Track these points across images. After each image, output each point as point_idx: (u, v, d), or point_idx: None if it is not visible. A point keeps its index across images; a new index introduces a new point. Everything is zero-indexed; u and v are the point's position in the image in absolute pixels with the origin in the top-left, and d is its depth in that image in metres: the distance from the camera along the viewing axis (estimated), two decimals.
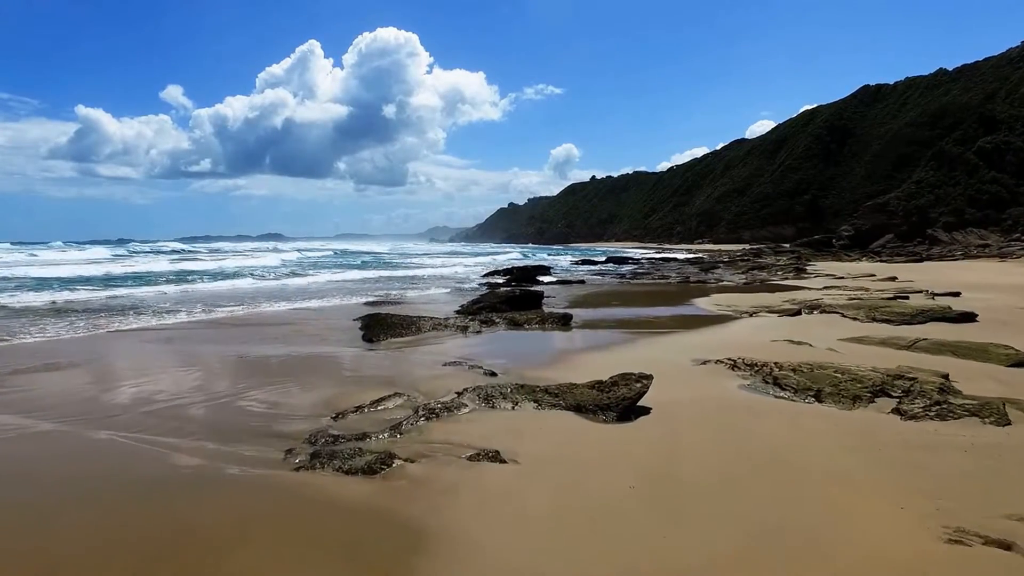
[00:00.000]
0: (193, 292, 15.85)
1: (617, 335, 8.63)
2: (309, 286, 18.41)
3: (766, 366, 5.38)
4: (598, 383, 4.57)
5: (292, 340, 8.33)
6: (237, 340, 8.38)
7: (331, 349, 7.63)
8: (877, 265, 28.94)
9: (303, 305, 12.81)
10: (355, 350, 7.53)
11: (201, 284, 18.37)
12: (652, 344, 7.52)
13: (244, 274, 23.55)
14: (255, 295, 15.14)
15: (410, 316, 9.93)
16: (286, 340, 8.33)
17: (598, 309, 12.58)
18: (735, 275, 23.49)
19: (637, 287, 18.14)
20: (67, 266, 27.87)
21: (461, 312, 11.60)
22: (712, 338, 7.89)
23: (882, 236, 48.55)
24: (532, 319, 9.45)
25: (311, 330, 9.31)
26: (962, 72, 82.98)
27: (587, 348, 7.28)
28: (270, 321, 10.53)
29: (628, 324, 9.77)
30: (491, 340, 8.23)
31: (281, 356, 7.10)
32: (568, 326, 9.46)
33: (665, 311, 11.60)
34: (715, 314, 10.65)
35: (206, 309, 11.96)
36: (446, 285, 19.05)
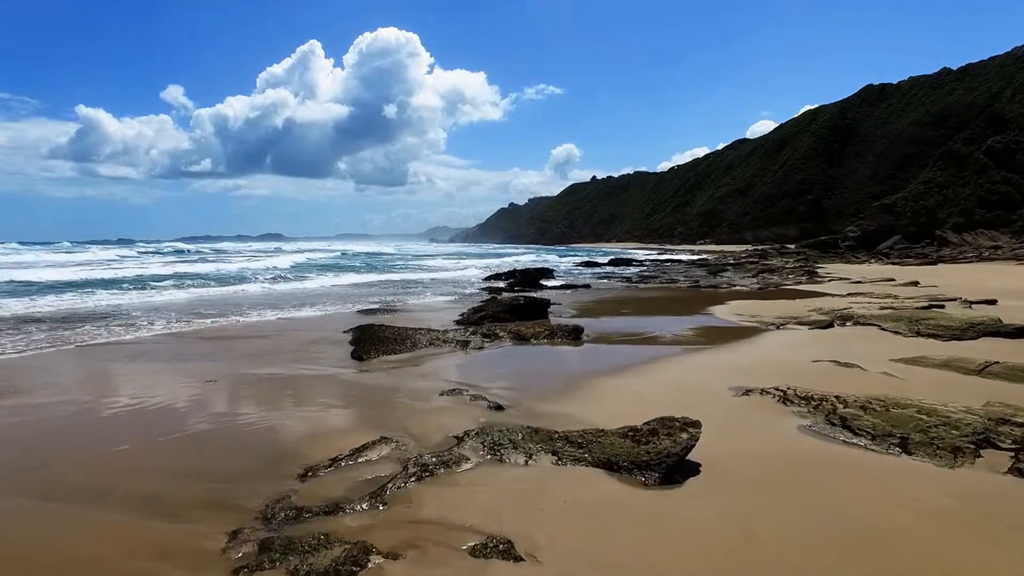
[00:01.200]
0: (181, 299, 14.94)
1: (635, 352, 7.73)
2: (304, 291, 17.50)
3: (826, 400, 4.49)
4: (632, 430, 3.67)
5: (273, 358, 7.44)
6: (210, 357, 7.48)
7: (314, 370, 6.73)
8: (889, 268, 28.07)
9: (293, 315, 11.91)
10: (341, 371, 6.63)
11: (193, 290, 17.44)
12: (678, 364, 6.62)
13: (239, 278, 22.65)
14: (245, 302, 14.23)
15: (406, 328, 9.05)
16: (267, 358, 7.43)
17: (609, 319, 11.68)
18: (745, 278, 22.60)
19: (646, 292, 17.24)
20: (63, 268, 27.02)
21: (462, 322, 10.72)
22: (744, 357, 6.99)
23: (889, 237, 47.72)
24: (540, 333, 8.55)
25: (296, 345, 8.40)
26: (967, 71, 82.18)
27: (605, 370, 6.38)
28: (254, 333, 9.63)
29: (645, 338, 8.87)
30: (495, 358, 7.33)
31: (255, 380, 6.20)
32: (579, 340, 8.56)
33: (683, 322, 10.70)
34: (738, 325, 9.75)
35: (187, 319, 11.06)
36: (446, 290, 18.16)
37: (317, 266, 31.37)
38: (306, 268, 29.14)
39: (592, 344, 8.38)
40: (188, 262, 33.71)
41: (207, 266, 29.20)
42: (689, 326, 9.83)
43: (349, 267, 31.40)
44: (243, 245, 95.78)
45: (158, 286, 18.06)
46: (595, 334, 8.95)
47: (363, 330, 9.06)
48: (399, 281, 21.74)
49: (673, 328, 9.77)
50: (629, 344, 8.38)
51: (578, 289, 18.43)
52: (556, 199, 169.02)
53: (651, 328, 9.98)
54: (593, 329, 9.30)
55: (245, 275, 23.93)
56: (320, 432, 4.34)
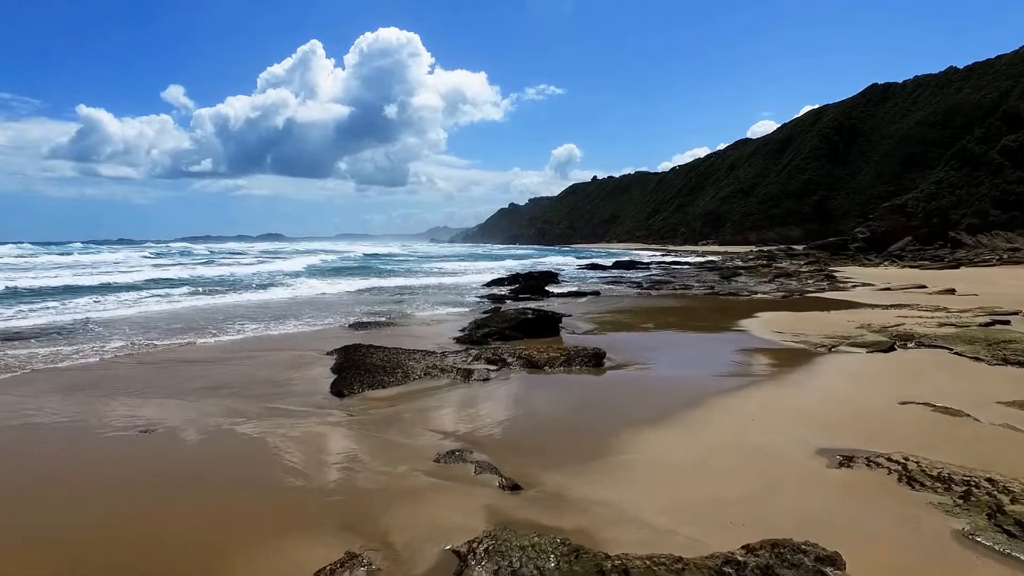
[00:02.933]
0: (154, 311, 13.64)
1: (673, 386, 6.45)
2: (295, 300, 16.19)
3: (974, 485, 3.21)
4: (730, 563, 2.39)
5: (234, 392, 6.15)
6: (160, 390, 6.20)
7: (279, 410, 5.44)
8: (908, 271, 26.82)
9: (276, 330, 10.60)
10: (311, 416, 5.33)
11: (180, 298, 16.12)
12: (732, 408, 5.34)
13: (230, 283, 21.35)
14: (228, 314, 12.93)
15: (398, 351, 7.77)
16: (226, 392, 6.15)
17: (628, 335, 10.40)
18: (761, 284, 21.33)
19: (661, 301, 15.95)
20: (54, 271, 25.67)
21: (464, 340, 9.44)
22: (810, 396, 5.71)
23: (900, 238, 46.46)
24: (555, 359, 7.27)
25: (267, 372, 7.12)
26: (973, 70, 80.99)
27: (644, 417, 5.10)
28: (224, 355, 8.35)
29: (678, 364, 7.59)
30: (504, 396, 6.04)
31: (203, 432, 4.92)
32: (601, 367, 7.28)
33: (716, 342, 9.43)
34: (781, 346, 8.46)
35: (156, 336, 9.78)
36: (446, 298, 16.86)
37: (324, 270, 30.12)
38: (309, 272, 27.78)
39: (617, 372, 7.10)
40: (189, 265, 32.19)
41: (190, 271, 27.78)
42: (725, 348, 8.54)
43: (350, 271, 30.00)
44: (246, 245, 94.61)
45: (143, 294, 16.71)
46: (618, 357, 7.67)
47: (349, 353, 7.78)
48: (396, 287, 20.41)
49: (707, 350, 8.50)
50: (661, 373, 7.10)
51: (586, 296, 17.14)
52: (557, 199, 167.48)
53: (680, 348, 8.72)
54: (614, 349, 8.02)
55: (238, 280, 22.66)
56: (256, 544, 3.04)
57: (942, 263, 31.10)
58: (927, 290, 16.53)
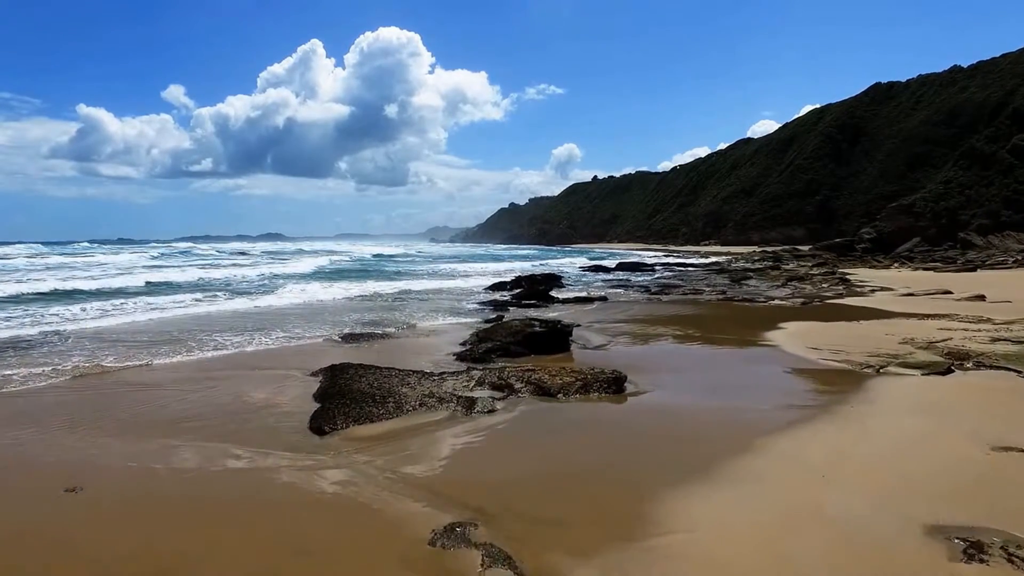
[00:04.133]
0: (140, 321, 12.68)
1: (708, 421, 5.50)
2: (287, 308, 15.22)
3: None
4: None
5: (193, 426, 5.22)
6: (108, 424, 5.27)
7: (243, 455, 4.50)
8: (924, 274, 25.94)
9: (258, 346, 9.63)
10: (279, 466, 4.37)
11: (164, 309, 15.12)
12: (790, 456, 4.40)
13: (222, 286, 20.36)
14: (211, 324, 11.98)
15: (391, 373, 6.85)
16: (185, 426, 5.22)
17: (645, 348, 9.47)
18: (774, 288, 20.40)
19: (673, 308, 15.03)
20: (46, 274, 24.68)
21: (465, 356, 8.51)
22: (881, 440, 4.76)
23: (907, 239, 45.61)
24: (569, 385, 6.33)
25: (237, 401, 6.18)
26: (978, 69, 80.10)
27: (684, 469, 4.17)
28: (195, 376, 7.41)
29: (708, 389, 6.65)
30: (513, 439, 5.10)
31: (134, 491, 3.97)
32: (622, 394, 6.35)
33: (745, 359, 8.50)
34: (821, 365, 7.53)
35: (123, 353, 8.83)
36: (446, 304, 15.90)
37: (330, 272, 29.29)
38: (314, 275, 26.80)
39: (640, 399, 6.18)
40: (189, 268, 31.07)
41: (209, 272, 26.69)
42: (759, 368, 7.63)
43: (355, 273, 28.90)
44: (248, 245, 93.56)
45: (130, 302, 15.69)
46: (638, 378, 6.73)
47: (335, 376, 6.85)
48: (396, 292, 19.36)
49: (738, 371, 7.58)
50: (691, 400, 6.17)
51: (593, 303, 16.21)
52: (557, 199, 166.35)
53: (706, 368, 7.78)
54: (632, 368, 7.09)
55: (237, 284, 21.65)
56: None
57: (955, 265, 30.17)
58: (953, 296, 15.61)
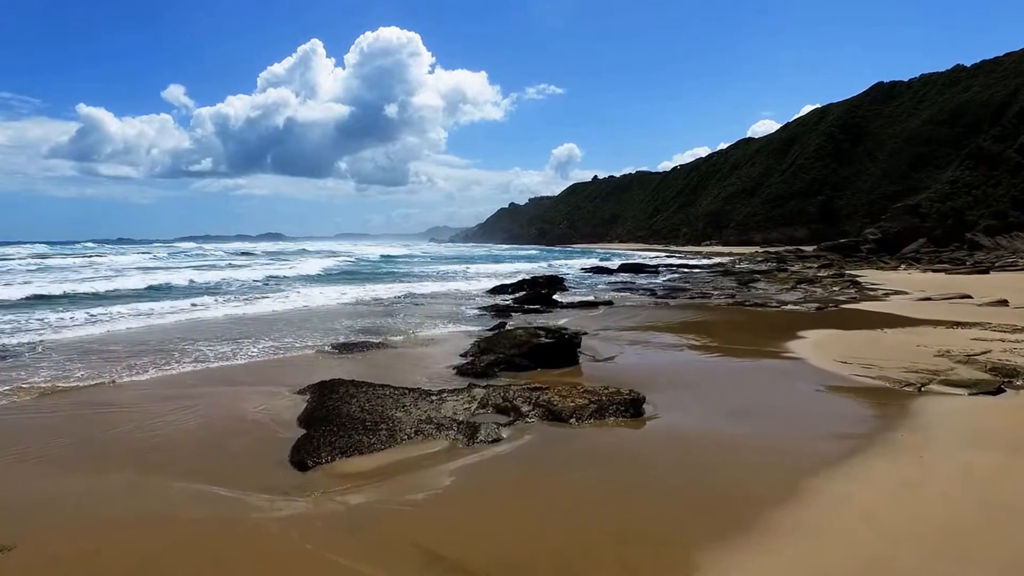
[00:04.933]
0: (123, 329, 12.05)
1: (742, 453, 4.88)
2: (281, 314, 14.56)
3: None
4: None
5: (160, 460, 4.60)
6: (60, 457, 4.65)
7: (205, 509, 3.87)
8: (935, 276, 25.33)
9: (243, 359, 9.00)
10: (249, 526, 3.75)
11: (154, 316, 14.46)
12: (846, 503, 3.78)
13: (214, 289, 19.68)
14: (196, 332, 11.37)
15: (386, 390, 6.24)
16: (149, 460, 4.60)
17: (658, 359, 8.85)
18: (784, 291, 19.79)
19: (683, 314, 14.41)
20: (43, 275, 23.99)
21: (466, 370, 7.89)
22: (947, 481, 4.14)
23: (913, 240, 45.03)
24: (582, 407, 5.70)
25: (209, 426, 5.55)
26: (981, 68, 79.56)
27: (724, 519, 3.56)
28: (168, 394, 6.79)
29: (734, 411, 6.02)
30: (521, 480, 4.46)
31: (73, 551, 3.36)
32: (640, 418, 5.72)
33: (768, 373, 7.88)
34: (855, 382, 6.91)
35: (96, 366, 8.21)
36: (446, 310, 15.26)
37: (334, 274, 28.70)
38: (319, 278, 26.26)
39: (660, 424, 5.56)
40: (189, 270, 30.41)
41: (208, 275, 26.05)
42: (786, 385, 7.00)
43: (360, 276, 28.18)
44: (251, 245, 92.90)
45: (116, 308, 15.04)
46: (655, 397, 6.11)
47: (323, 395, 6.24)
48: (395, 295, 18.64)
49: (763, 388, 6.94)
50: (718, 427, 5.53)
51: (599, 308, 15.60)
52: (557, 199, 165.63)
53: (728, 385, 7.15)
54: (648, 384, 6.49)
55: (235, 287, 21.00)
56: None
57: (964, 267, 29.57)
58: (974, 301, 15.00)
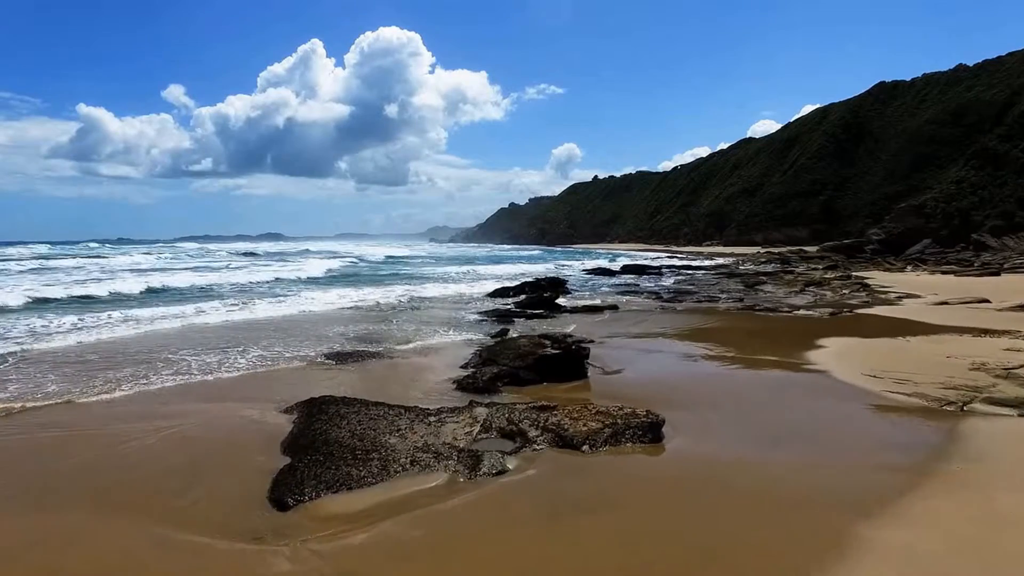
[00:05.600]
0: (106, 339, 11.52)
1: (782, 488, 4.36)
2: (275, 319, 14.07)
3: None
4: None
5: (120, 500, 4.08)
6: (9, 493, 4.14)
7: (166, 561, 3.35)
8: (944, 279, 24.82)
9: (229, 371, 8.50)
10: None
11: (141, 324, 13.98)
12: (913, 564, 3.27)
13: (206, 295, 19.16)
14: (184, 342, 10.86)
15: (380, 409, 5.73)
16: (108, 498, 4.09)
17: (672, 370, 8.33)
18: (793, 295, 19.26)
19: (691, 319, 13.89)
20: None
21: (466, 385, 7.37)
22: None
23: (918, 241, 44.50)
24: (596, 432, 5.17)
25: (182, 456, 5.03)
26: (984, 68, 79.06)
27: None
28: (141, 413, 6.27)
29: (760, 434, 5.50)
30: (532, 525, 3.93)
31: None
32: (659, 443, 5.20)
33: (791, 387, 7.35)
34: (889, 399, 6.39)
35: (70, 379, 7.70)
36: (444, 315, 14.74)
37: (338, 277, 28.24)
38: (321, 280, 25.81)
39: (682, 451, 5.04)
40: (187, 272, 29.88)
41: (206, 277, 25.53)
42: (813, 402, 6.47)
43: (359, 278, 27.60)
44: (252, 245, 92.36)
45: (102, 316, 14.52)
46: (673, 416, 5.58)
47: (311, 416, 5.72)
48: (393, 301, 18.07)
49: (788, 406, 6.41)
50: (749, 454, 5.01)
51: (604, 312, 15.09)
52: (557, 199, 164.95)
53: (749, 402, 6.62)
54: (664, 402, 5.99)
55: (233, 290, 20.51)
56: None
57: (972, 268, 29.07)
58: (993, 306, 14.49)
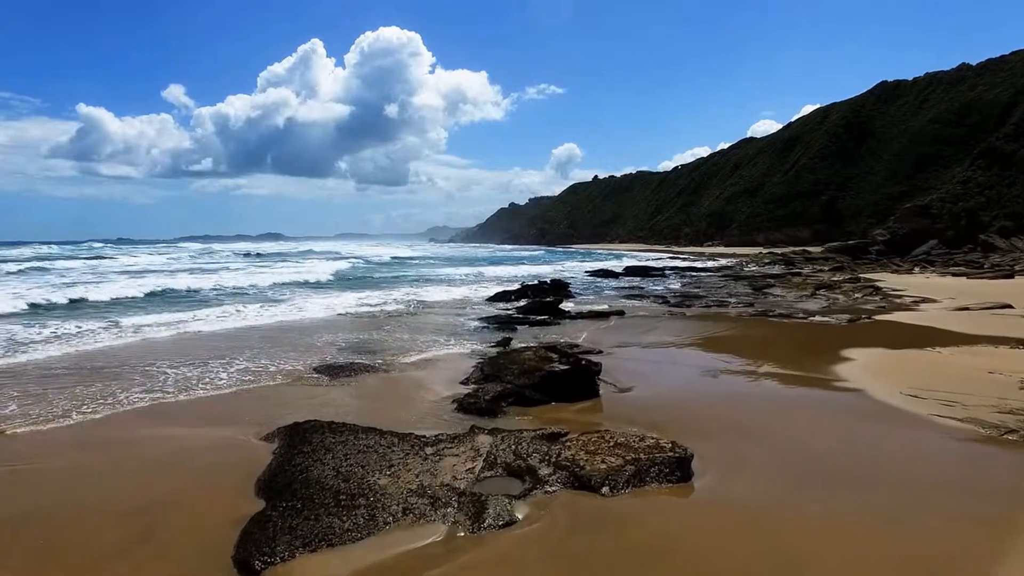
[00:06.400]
0: (75, 352, 10.86)
1: (856, 549, 3.70)
2: (265, 327, 13.41)
3: None
4: None
5: (41, 569, 3.43)
6: None
7: None
8: (955, 281, 24.19)
9: (208, 388, 7.85)
10: None
11: (124, 333, 13.31)
12: None
13: (202, 301, 18.44)
14: (163, 353, 10.21)
15: (371, 440, 5.10)
16: (27, 570, 3.44)
17: (694, 389, 7.67)
18: (804, 298, 18.61)
19: (702, 326, 13.23)
20: None
21: (467, 406, 6.69)
22: None
23: (924, 242, 43.89)
24: (616, 471, 4.50)
25: (139, 500, 4.38)
26: (987, 67, 78.44)
27: None
28: (104, 441, 5.63)
29: (818, 474, 4.84)
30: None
31: None
32: (689, 483, 4.54)
33: (831, 412, 6.69)
34: (939, 426, 5.74)
35: (33, 398, 7.04)
36: (443, 321, 14.06)
37: (343, 279, 27.48)
38: (324, 284, 25.04)
39: (718, 494, 4.38)
40: (185, 274, 29.15)
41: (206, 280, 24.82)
42: (858, 428, 5.81)
43: (367, 281, 26.96)
44: (252, 245, 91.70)
45: (85, 324, 13.85)
46: (704, 449, 4.93)
47: (293, 446, 5.07)
48: (394, 307, 17.32)
49: (834, 434, 5.75)
50: (802, 500, 4.35)
51: (610, 318, 14.42)
52: (557, 199, 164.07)
53: (787, 426, 5.96)
54: (690, 430, 5.35)
55: (227, 293, 19.90)
56: None
57: (982, 270, 28.44)
58: (1017, 311, 13.85)
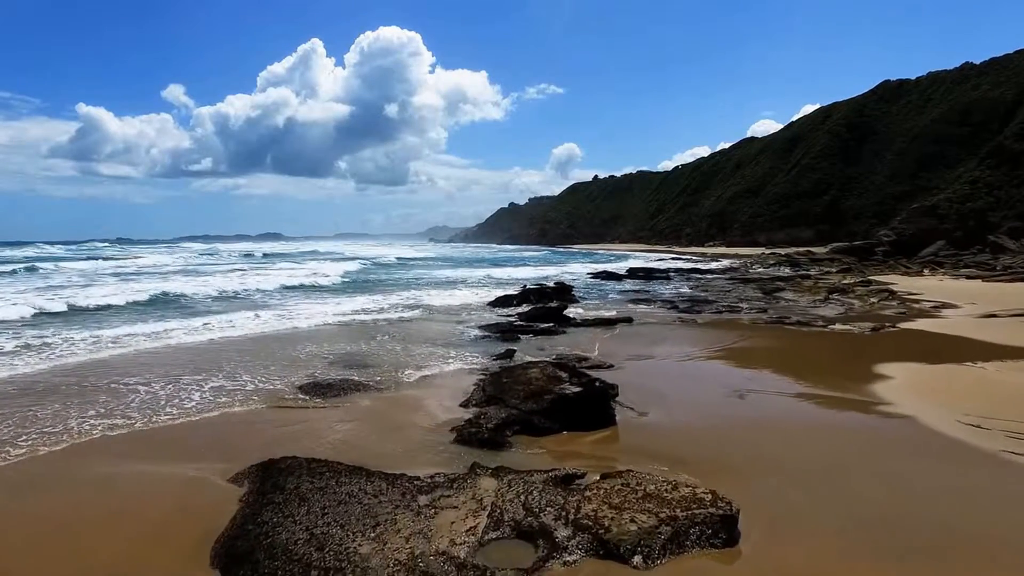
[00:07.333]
0: (34, 372, 10.08)
1: None
2: (251, 337, 12.66)
3: None
4: None
5: None
6: None
7: None
8: (968, 284, 23.50)
9: (177, 412, 7.07)
10: None
11: (108, 346, 12.52)
12: None
13: (190, 308, 17.66)
14: (138, 370, 9.43)
15: (354, 486, 4.40)
16: None
17: (721, 413, 6.89)
18: (817, 303, 17.84)
19: (717, 335, 12.47)
20: None
21: (467, 436, 5.92)
22: None
23: (930, 242, 43.08)
24: (648, 533, 3.73)
25: (70, 565, 3.61)
26: (991, 66, 77.73)
27: None
28: (47, 482, 4.87)
29: (886, 543, 4.07)
30: None
31: None
32: (735, 543, 3.77)
33: (883, 443, 5.93)
34: (1017, 465, 4.99)
35: None
36: (441, 330, 13.23)
37: (354, 284, 26.62)
38: (327, 287, 24.34)
39: (767, 559, 3.62)
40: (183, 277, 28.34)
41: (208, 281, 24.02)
42: (923, 468, 5.05)
43: (374, 284, 26.14)
44: (253, 245, 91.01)
45: (72, 334, 13.09)
46: (749, 502, 4.16)
47: (263, 493, 4.33)
48: (393, 313, 16.47)
49: (896, 477, 4.98)
50: (852, 569, 3.59)
51: (617, 326, 13.65)
52: (557, 199, 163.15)
53: (836, 464, 5.19)
54: (724, 468, 4.58)
55: (228, 296, 19.12)
56: None
57: (995, 271, 27.68)
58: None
